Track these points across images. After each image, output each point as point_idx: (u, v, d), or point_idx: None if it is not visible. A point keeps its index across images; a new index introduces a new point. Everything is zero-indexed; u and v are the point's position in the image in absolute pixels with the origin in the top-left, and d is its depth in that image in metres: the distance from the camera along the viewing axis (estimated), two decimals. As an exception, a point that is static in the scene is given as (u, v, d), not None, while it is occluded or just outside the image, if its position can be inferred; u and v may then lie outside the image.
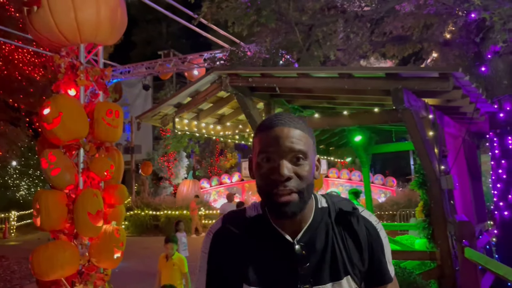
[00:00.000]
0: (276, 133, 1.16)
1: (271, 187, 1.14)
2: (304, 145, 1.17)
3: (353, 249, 1.24)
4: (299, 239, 1.21)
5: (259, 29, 6.65)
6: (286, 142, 1.15)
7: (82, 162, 4.64)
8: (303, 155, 1.16)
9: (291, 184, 1.13)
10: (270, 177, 1.14)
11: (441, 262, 4.54)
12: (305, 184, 1.16)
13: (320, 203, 1.28)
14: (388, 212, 19.22)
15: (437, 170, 4.68)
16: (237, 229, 1.24)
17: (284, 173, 1.12)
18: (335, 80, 4.47)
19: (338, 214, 1.27)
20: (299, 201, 1.15)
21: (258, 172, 1.18)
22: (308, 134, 1.21)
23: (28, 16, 4.54)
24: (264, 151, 1.17)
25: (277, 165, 1.14)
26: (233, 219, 1.29)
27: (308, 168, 1.17)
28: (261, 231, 1.23)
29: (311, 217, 1.24)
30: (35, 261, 4.22)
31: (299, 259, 1.18)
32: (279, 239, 1.21)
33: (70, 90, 4.74)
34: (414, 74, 4.06)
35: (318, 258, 1.20)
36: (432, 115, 4.87)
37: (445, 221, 4.56)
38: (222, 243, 1.25)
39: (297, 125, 1.19)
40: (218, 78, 5.05)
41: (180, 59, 12.87)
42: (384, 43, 7.68)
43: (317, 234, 1.22)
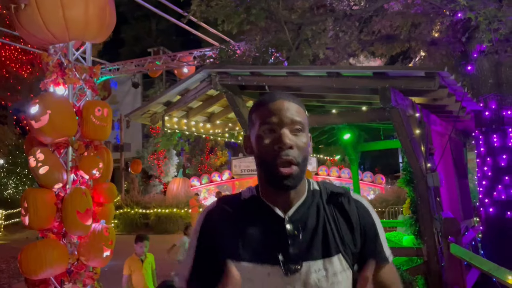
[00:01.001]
0: (277, 106, 1.23)
1: (273, 156, 1.19)
2: (302, 119, 1.24)
3: (345, 229, 1.27)
4: (291, 215, 1.24)
5: (249, 28, 6.67)
6: (287, 113, 1.21)
7: (70, 160, 4.63)
8: (302, 126, 1.23)
9: (292, 154, 1.18)
10: (273, 147, 1.19)
11: (427, 258, 4.61)
12: (303, 155, 1.22)
13: (312, 185, 1.34)
14: (377, 209, 19.37)
15: (424, 167, 4.75)
16: (231, 208, 1.28)
17: (286, 141, 1.18)
18: (324, 78, 4.51)
19: (330, 196, 1.31)
20: (299, 172, 1.20)
21: (259, 144, 1.23)
22: (304, 110, 1.29)
23: (15, 14, 4.51)
24: (266, 122, 1.22)
25: (279, 134, 1.19)
26: (228, 200, 1.33)
27: (306, 140, 1.24)
28: (254, 209, 1.27)
29: (304, 196, 1.29)
30: (23, 260, 4.20)
31: (290, 235, 1.21)
32: (271, 215, 1.25)
33: (58, 88, 4.72)
34: (401, 73, 4.12)
35: (310, 235, 1.23)
36: (418, 114, 4.94)
37: (431, 218, 4.64)
38: (214, 221, 1.28)
39: (295, 100, 1.27)
40: (207, 76, 5.05)
41: (170, 57, 12.82)
42: (372, 41, 7.73)
43: (309, 213, 1.26)
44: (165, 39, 31.29)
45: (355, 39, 7.29)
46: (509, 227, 5.95)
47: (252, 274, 1.19)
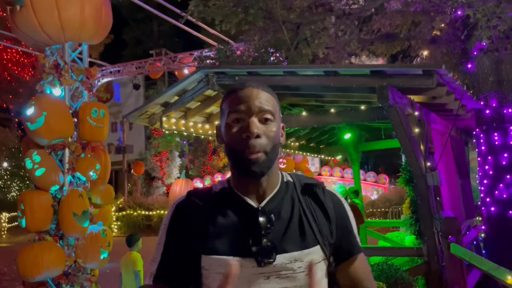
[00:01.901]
0: (246, 93, 1.20)
1: (240, 145, 1.16)
2: (272, 107, 1.22)
3: (322, 220, 1.25)
4: (264, 206, 1.21)
5: (247, 28, 6.65)
6: (255, 101, 1.19)
7: (67, 162, 4.61)
8: (271, 115, 1.20)
9: (259, 142, 1.16)
10: (241, 136, 1.16)
11: (428, 258, 4.56)
12: (272, 144, 1.19)
13: (286, 177, 1.32)
14: (380, 209, 19.33)
15: (423, 166, 4.70)
16: (201, 201, 1.24)
17: (253, 130, 1.15)
18: (321, 78, 4.47)
19: (304, 187, 1.29)
20: (266, 159, 1.17)
21: (228, 133, 1.20)
22: (275, 98, 1.26)
23: (11, 15, 4.50)
24: (234, 111, 1.19)
25: (247, 123, 1.17)
26: (198, 192, 1.29)
27: (276, 129, 1.21)
28: (226, 202, 1.24)
29: (277, 187, 1.26)
30: (20, 263, 4.19)
31: (263, 226, 1.18)
32: (243, 206, 1.22)
33: (55, 90, 4.70)
34: (398, 72, 4.08)
35: (284, 226, 1.20)
36: (418, 112, 4.89)
37: (431, 217, 4.58)
38: (183, 214, 1.24)
39: (265, 88, 1.24)
40: (205, 76, 5.03)
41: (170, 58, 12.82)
42: (372, 40, 7.70)
43: (283, 203, 1.24)
44: (167, 40, 31.30)
45: (355, 38, 7.25)
46: (511, 226, 5.89)
47: (223, 267, 1.14)
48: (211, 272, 1.16)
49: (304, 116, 5.31)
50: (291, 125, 5.50)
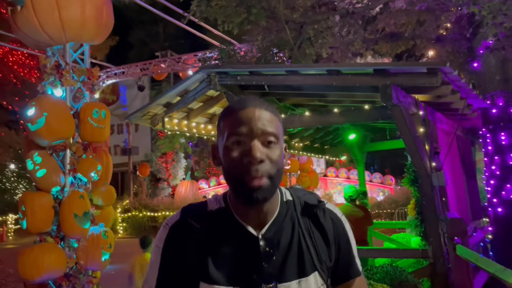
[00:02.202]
0: (247, 115, 1.11)
1: (242, 171, 1.07)
2: (276, 129, 1.13)
3: (321, 244, 1.19)
4: (264, 233, 1.15)
5: (250, 27, 6.60)
6: (258, 123, 1.10)
7: (68, 163, 4.59)
8: (275, 138, 1.12)
9: (263, 168, 1.07)
10: (242, 161, 1.08)
11: (433, 260, 4.48)
12: (276, 168, 1.10)
13: (285, 196, 1.24)
14: (386, 211, 19.19)
15: (428, 167, 4.62)
16: (197, 223, 1.16)
17: (257, 155, 1.06)
18: (324, 77, 4.41)
19: (304, 208, 1.22)
20: (271, 185, 1.09)
21: (227, 157, 1.11)
22: (278, 118, 1.17)
23: (12, 16, 4.49)
24: (234, 133, 1.10)
25: (249, 147, 1.08)
26: (193, 212, 1.21)
27: (279, 153, 1.12)
28: (224, 225, 1.16)
29: (277, 210, 1.19)
30: (20, 264, 4.16)
31: (264, 255, 1.12)
32: (243, 234, 1.14)
33: (56, 90, 4.69)
34: (402, 70, 4.00)
35: (284, 253, 1.14)
36: (422, 112, 4.81)
37: (436, 219, 4.50)
38: (180, 237, 1.16)
39: (268, 108, 1.15)
40: (207, 76, 4.99)
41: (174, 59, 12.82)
42: (376, 40, 7.63)
43: (283, 228, 1.17)
44: (173, 42, 31.34)
45: (359, 38, 7.19)
46: (519, 227, 5.79)
47: None
48: None
49: (307, 116, 5.26)
50: (294, 125, 5.45)
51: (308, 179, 9.98)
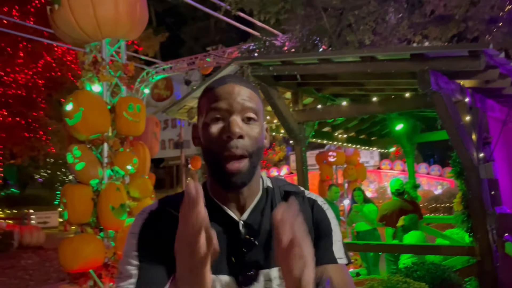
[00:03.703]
0: (226, 90, 1.07)
1: (220, 148, 1.02)
2: (256, 105, 1.09)
3: None
4: (246, 218, 1.09)
5: (287, 16, 6.44)
6: (237, 98, 1.06)
7: (106, 156, 4.73)
8: (255, 114, 1.07)
9: (242, 144, 1.03)
10: (220, 137, 1.03)
11: (481, 257, 4.16)
12: (256, 146, 1.06)
13: (266, 182, 1.18)
14: (444, 205, 18.31)
15: (475, 158, 4.28)
16: (176, 211, 1.05)
17: (235, 130, 1.01)
18: (358, 64, 4.21)
19: (283, 196, 1.16)
20: (249, 167, 1.04)
21: (205, 134, 1.06)
22: (258, 96, 1.12)
23: (51, 15, 4.67)
24: (212, 109, 1.06)
25: (228, 122, 1.03)
26: (171, 201, 1.14)
27: (259, 130, 1.08)
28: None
29: (259, 195, 1.13)
30: (61, 254, 4.35)
31: (244, 241, 1.06)
32: (224, 218, 1.09)
33: (94, 86, 4.84)
34: (441, 54, 3.72)
35: (264, 240, 1.08)
36: (469, 98, 4.46)
37: (484, 214, 4.17)
38: (156, 225, 1.09)
39: (248, 84, 1.11)
40: (240, 68, 4.93)
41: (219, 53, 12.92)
42: (425, 24, 7.20)
43: (264, 215, 1.11)
44: (224, 36, 31.63)
45: (404, 22, 6.82)
46: None
47: None
48: None
49: (344, 106, 5.06)
50: (330, 116, 5.26)
51: (354, 171, 9.65)
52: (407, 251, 5.05)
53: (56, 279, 9.51)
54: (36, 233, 12.93)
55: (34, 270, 10.21)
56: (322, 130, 7.36)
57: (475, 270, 4.25)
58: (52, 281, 9.37)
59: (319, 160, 9.50)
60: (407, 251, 5.05)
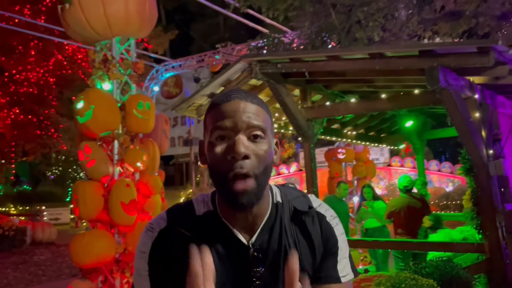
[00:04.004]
0: (231, 107, 1.03)
1: (225, 169, 1.00)
2: (263, 122, 1.05)
3: (306, 254, 1.12)
4: (255, 241, 1.08)
5: (295, 13, 6.44)
6: (242, 116, 1.03)
7: (116, 153, 4.79)
8: (262, 131, 1.04)
9: (248, 165, 1.00)
10: (225, 157, 1.01)
11: (490, 254, 4.15)
12: (263, 166, 1.03)
13: (275, 197, 1.16)
14: (455, 202, 18.17)
15: (484, 155, 4.26)
16: (186, 230, 1.09)
17: (240, 150, 0.99)
18: (366, 61, 4.20)
19: (293, 214, 1.14)
20: (256, 188, 1.01)
21: (211, 153, 1.04)
22: (266, 111, 1.09)
23: (62, 14, 4.73)
24: (217, 127, 1.03)
25: (233, 142, 1.01)
26: (180, 218, 1.12)
27: (267, 148, 1.05)
28: (213, 232, 1.09)
29: (268, 213, 1.11)
30: (73, 249, 4.42)
31: (254, 265, 1.06)
32: (233, 241, 1.08)
33: (104, 84, 4.89)
34: (449, 50, 3.70)
35: (272, 263, 1.08)
36: (478, 95, 4.44)
37: (493, 211, 4.15)
38: (167, 245, 1.08)
39: (254, 100, 1.08)
40: (248, 66, 4.95)
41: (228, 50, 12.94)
42: (435, 20, 7.15)
43: (273, 235, 1.10)
44: (233, 34, 31.65)
45: (415, 18, 6.78)
46: None
47: None
48: None
49: (352, 103, 5.06)
50: (339, 113, 5.26)
51: (364, 168, 9.62)
52: (416, 248, 5.04)
53: (68, 274, 9.65)
54: (48, 230, 13.11)
55: (46, 266, 10.38)
56: (331, 127, 7.36)
57: (485, 267, 4.24)
58: (65, 276, 9.51)
59: (328, 157, 9.50)
60: (416, 248, 5.05)
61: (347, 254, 1.18)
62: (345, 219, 7.19)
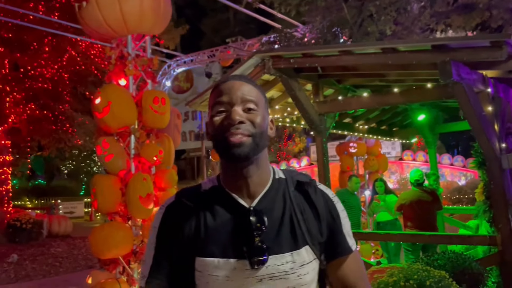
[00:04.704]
0: (228, 86, 1.22)
1: (223, 132, 1.16)
2: (255, 97, 1.22)
3: (312, 219, 1.23)
4: (256, 205, 1.20)
5: (307, 8, 6.47)
6: (237, 92, 1.20)
7: (133, 148, 4.90)
8: (255, 104, 1.20)
9: (243, 127, 1.16)
10: (223, 124, 1.17)
11: (502, 247, 4.18)
12: (258, 130, 1.18)
13: (277, 174, 1.29)
14: (468, 196, 18.08)
15: (497, 148, 4.28)
16: (191, 202, 1.23)
17: (235, 117, 1.15)
18: (379, 55, 4.24)
19: (296, 185, 1.27)
20: (252, 143, 1.16)
21: (212, 125, 1.21)
22: (259, 91, 1.26)
23: (79, 12, 4.83)
24: (216, 103, 1.21)
25: (229, 113, 1.17)
26: (187, 193, 1.28)
27: (261, 118, 1.20)
28: (216, 201, 1.22)
29: (269, 184, 1.24)
30: (92, 241, 4.55)
31: (255, 227, 1.16)
32: (235, 206, 1.20)
33: (120, 80, 4.99)
34: (462, 44, 3.73)
35: (277, 227, 1.19)
36: (491, 89, 4.45)
37: (506, 204, 4.18)
38: (174, 217, 1.24)
39: (249, 81, 1.25)
40: (261, 61, 5.01)
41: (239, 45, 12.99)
42: (448, 13, 7.13)
43: (275, 202, 1.22)
44: (243, 28, 31.65)
45: (427, 12, 6.76)
46: None
47: (217, 270, 1.15)
48: (204, 274, 1.17)
49: (365, 97, 5.09)
50: (351, 107, 5.31)
51: (376, 162, 9.63)
52: (428, 241, 5.09)
53: (85, 266, 9.86)
54: (64, 223, 13.37)
55: (63, 258, 10.60)
56: (343, 121, 7.40)
57: (497, 260, 4.27)
58: (81, 268, 9.72)
59: (339, 151, 9.53)
60: (428, 240, 5.09)
61: (349, 228, 1.30)
62: (357, 212, 7.24)
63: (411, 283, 3.45)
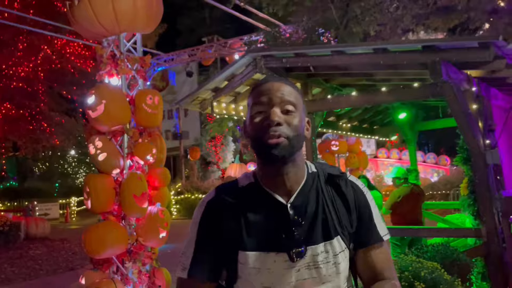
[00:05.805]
0: (267, 87, 1.26)
1: (262, 133, 1.21)
2: (294, 99, 1.26)
3: (343, 210, 1.30)
4: (293, 201, 1.26)
5: (295, 8, 6.58)
6: (277, 93, 1.24)
7: (126, 147, 4.88)
8: (293, 106, 1.25)
9: (281, 129, 1.20)
10: (262, 124, 1.22)
11: (487, 239, 4.39)
12: (295, 132, 1.23)
13: (310, 168, 1.35)
14: (441, 192, 18.67)
15: (482, 144, 4.49)
16: (231, 198, 1.29)
17: (274, 118, 1.20)
18: (370, 56, 4.38)
19: (327, 178, 1.33)
20: (289, 144, 1.21)
21: (251, 125, 1.26)
22: (298, 92, 1.30)
23: (70, 10, 4.77)
24: (256, 103, 1.25)
25: (268, 113, 1.21)
26: (226, 189, 1.34)
27: (298, 120, 1.25)
28: (255, 197, 1.28)
29: (304, 181, 1.30)
30: (87, 241, 4.51)
31: (293, 221, 1.23)
32: (273, 203, 1.27)
33: (112, 79, 4.96)
34: (452, 45, 3.90)
35: (311, 220, 1.26)
36: (475, 88, 4.66)
37: (490, 197, 4.39)
38: (215, 213, 1.29)
39: (288, 82, 1.29)
40: (252, 60, 5.08)
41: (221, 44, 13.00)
42: (428, 14, 7.37)
43: (309, 197, 1.28)
44: (219, 27, 31.58)
45: (408, 13, 6.98)
46: None
47: (259, 262, 1.22)
48: (246, 266, 1.23)
49: (353, 96, 5.23)
50: (340, 106, 5.45)
51: (357, 160, 9.87)
52: (416, 234, 5.27)
53: (66, 268, 9.70)
54: (41, 224, 13.09)
55: (43, 260, 10.39)
56: (328, 120, 7.55)
57: (482, 251, 4.48)
58: (62, 270, 9.55)
59: (321, 150, 9.71)
60: (416, 233, 5.28)
61: (380, 217, 1.37)
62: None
63: (406, 275, 3.59)
